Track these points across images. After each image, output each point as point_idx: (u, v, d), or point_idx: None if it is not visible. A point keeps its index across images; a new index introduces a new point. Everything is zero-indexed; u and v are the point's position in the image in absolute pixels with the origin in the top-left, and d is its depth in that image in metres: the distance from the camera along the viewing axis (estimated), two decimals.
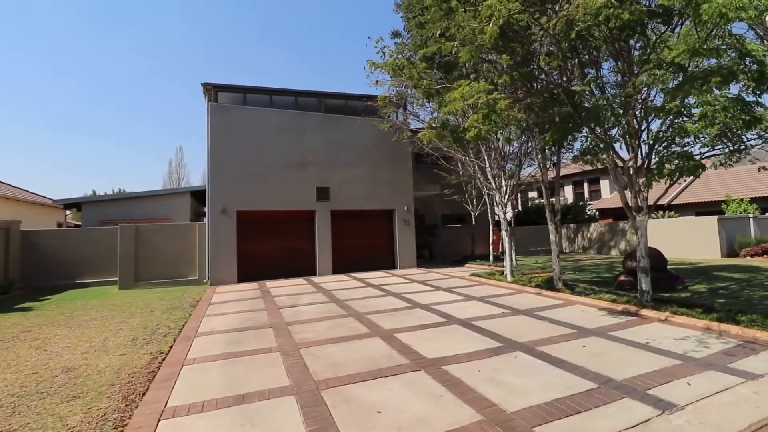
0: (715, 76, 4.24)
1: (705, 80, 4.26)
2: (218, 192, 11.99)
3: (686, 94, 4.56)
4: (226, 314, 7.68)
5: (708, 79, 4.26)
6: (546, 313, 6.71)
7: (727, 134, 5.71)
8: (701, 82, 4.29)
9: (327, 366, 4.57)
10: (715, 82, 4.25)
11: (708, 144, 5.55)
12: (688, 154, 5.20)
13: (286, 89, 13.36)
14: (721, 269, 11.02)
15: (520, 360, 4.53)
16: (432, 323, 6.34)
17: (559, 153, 8.59)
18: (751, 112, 4.62)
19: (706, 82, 4.26)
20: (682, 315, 5.89)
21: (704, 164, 5.28)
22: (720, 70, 4.25)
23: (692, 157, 5.18)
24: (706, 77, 4.29)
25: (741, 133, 5.57)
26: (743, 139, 6.01)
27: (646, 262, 6.73)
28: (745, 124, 4.79)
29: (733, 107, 4.60)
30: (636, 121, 5.67)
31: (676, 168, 5.24)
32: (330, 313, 7.36)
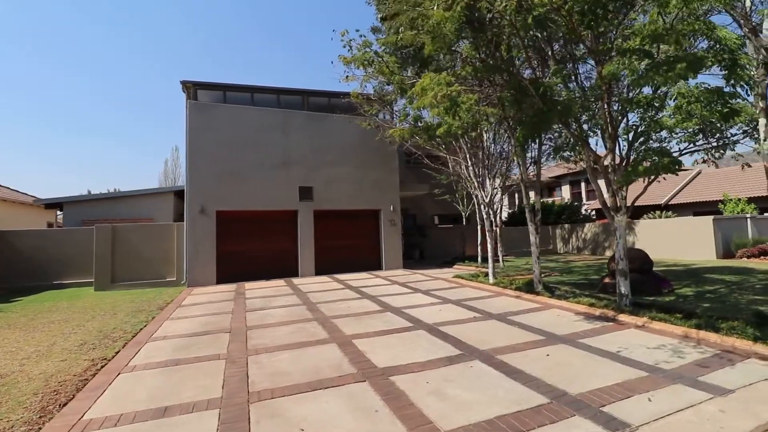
0: (680, 62, 3.89)
1: (670, 67, 3.91)
2: (197, 191, 11.73)
3: (649, 81, 4.22)
4: (191, 317, 7.41)
5: (673, 65, 3.91)
6: (519, 318, 6.37)
7: (706, 129, 5.37)
8: (666, 69, 3.95)
9: (269, 375, 4.27)
10: (680, 68, 3.89)
11: (686, 139, 5.20)
12: (664, 151, 4.86)
13: (269, 87, 13.08)
14: (714, 271, 10.63)
15: (475, 370, 4.20)
16: (397, 328, 6.02)
17: (539, 150, 8.25)
18: (728, 104, 4.28)
19: (670, 69, 3.92)
20: (661, 321, 5.54)
21: (680, 161, 4.93)
22: (686, 56, 3.91)
23: (668, 154, 4.84)
24: (671, 64, 3.94)
25: (721, 126, 5.22)
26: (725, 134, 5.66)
27: (625, 265, 6.38)
28: (723, 117, 4.44)
29: (708, 98, 4.26)
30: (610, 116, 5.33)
31: (652, 165, 4.90)
32: (296, 316, 7.07)
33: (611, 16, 4.41)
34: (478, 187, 10.09)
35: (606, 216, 6.51)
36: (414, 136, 7.74)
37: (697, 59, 3.90)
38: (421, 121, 6.41)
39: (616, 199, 6.36)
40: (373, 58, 6.79)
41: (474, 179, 10.07)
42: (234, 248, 12.36)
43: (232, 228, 12.38)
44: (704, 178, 22.25)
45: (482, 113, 6.02)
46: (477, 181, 10.06)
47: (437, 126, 6.68)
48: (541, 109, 5.03)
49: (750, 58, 4.51)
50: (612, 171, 6.18)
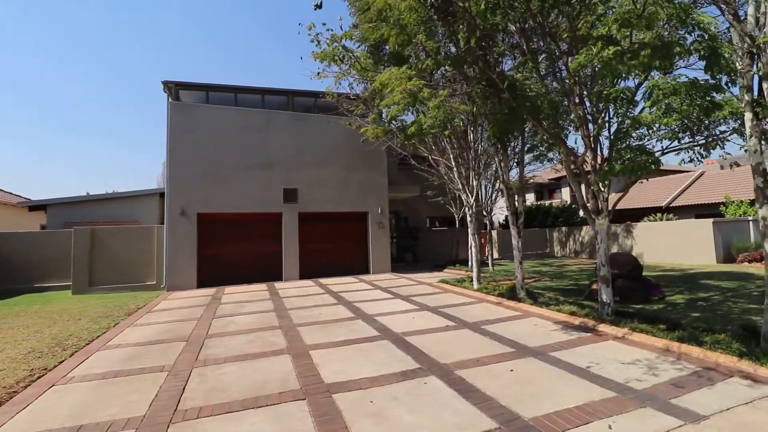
0: (645, 48, 3.51)
1: (633, 55, 3.54)
2: (177, 193, 11.49)
3: (611, 71, 3.84)
4: (155, 324, 7.12)
5: (637, 53, 3.54)
6: (493, 327, 6.00)
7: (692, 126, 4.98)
8: (629, 57, 3.57)
9: (206, 391, 3.95)
10: (644, 56, 3.52)
11: (667, 137, 4.81)
12: (641, 148, 4.48)
13: (253, 87, 12.83)
14: (711, 276, 10.15)
15: (428, 387, 3.84)
16: (362, 338, 5.68)
17: (522, 151, 7.88)
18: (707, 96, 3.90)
19: (634, 57, 3.54)
20: (642, 332, 5.13)
21: (659, 159, 4.54)
22: (651, 43, 3.53)
23: (645, 151, 4.46)
24: (635, 51, 3.57)
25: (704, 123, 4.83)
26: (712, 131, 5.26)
27: (607, 271, 5.98)
28: (704, 111, 4.06)
29: (686, 91, 3.88)
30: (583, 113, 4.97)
31: (629, 163, 4.52)
32: (262, 324, 6.74)
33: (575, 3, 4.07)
34: (463, 189, 9.72)
35: (587, 219, 6.13)
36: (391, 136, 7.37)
37: (663, 45, 3.51)
38: (396, 120, 6.13)
39: (597, 202, 5.97)
40: (343, 54, 6.49)
41: (458, 180, 9.70)
42: (216, 251, 12.08)
43: (215, 231, 12.11)
44: (707, 179, 21.67)
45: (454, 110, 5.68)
46: (462, 183, 9.69)
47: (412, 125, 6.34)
48: (510, 105, 4.69)
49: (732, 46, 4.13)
50: (592, 172, 5.80)
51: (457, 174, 9.72)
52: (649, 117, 4.65)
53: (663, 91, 3.94)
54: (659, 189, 22.84)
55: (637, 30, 3.57)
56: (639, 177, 5.31)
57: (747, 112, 4.23)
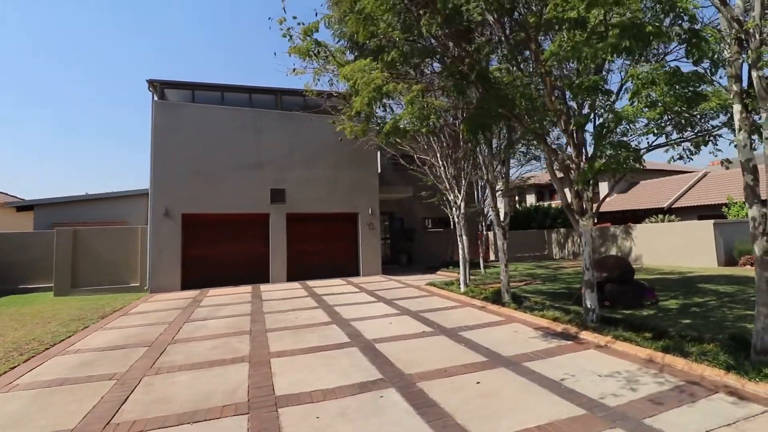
0: (613, 29, 3.20)
1: (601, 36, 3.23)
2: (161, 193, 11.29)
3: (576, 55, 3.52)
4: (125, 327, 6.90)
5: (604, 35, 3.23)
6: (471, 334, 5.68)
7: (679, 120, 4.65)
8: (596, 40, 3.26)
9: (147, 403, 3.69)
10: (612, 35, 3.21)
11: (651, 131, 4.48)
12: (621, 143, 4.16)
13: (240, 86, 12.63)
14: (710, 280, 9.74)
15: (383, 402, 3.55)
16: (331, 344, 5.39)
17: (509, 148, 7.56)
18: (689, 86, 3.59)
19: (602, 39, 3.23)
20: (626, 341, 4.80)
21: (641, 156, 4.22)
22: (620, 22, 3.22)
23: (626, 146, 4.14)
24: (602, 33, 3.26)
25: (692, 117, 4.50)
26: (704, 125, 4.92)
27: (591, 275, 5.64)
28: (687, 103, 3.75)
29: (664, 80, 3.57)
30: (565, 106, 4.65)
31: (609, 159, 4.20)
32: (232, 329, 6.48)
33: None
34: (450, 189, 9.41)
35: (570, 220, 5.80)
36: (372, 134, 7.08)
37: (633, 25, 3.20)
38: (361, 115, 5.85)
39: (582, 202, 5.65)
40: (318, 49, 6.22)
41: (446, 180, 9.40)
42: (202, 253, 11.87)
43: (200, 232, 11.90)
44: (710, 180, 21.16)
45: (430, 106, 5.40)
46: (449, 182, 9.38)
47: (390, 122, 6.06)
48: (482, 98, 4.40)
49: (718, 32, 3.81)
50: (575, 170, 5.47)
51: (444, 173, 9.42)
52: (630, 110, 4.33)
53: (641, 81, 3.63)
54: (661, 190, 22.36)
55: (605, 8, 3.25)
56: (623, 175, 4.99)
57: (735, 104, 3.90)
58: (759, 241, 3.84)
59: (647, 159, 4.89)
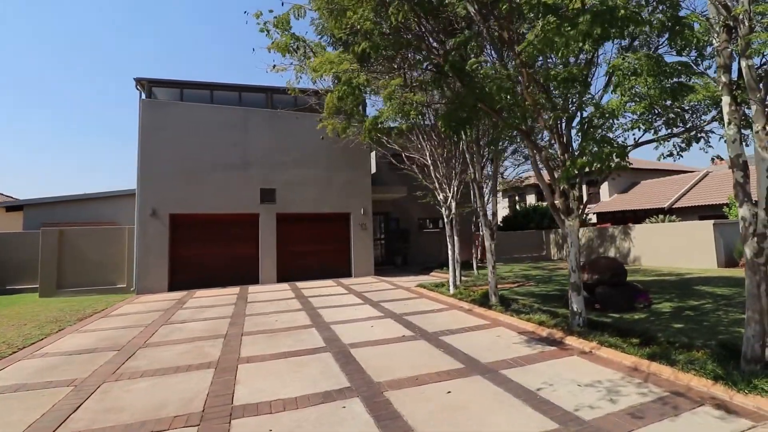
0: (584, 14, 2.96)
1: (572, 23, 2.99)
2: (148, 193, 11.13)
3: (547, 45, 3.28)
4: (100, 330, 6.72)
5: (575, 21, 2.99)
6: (452, 338, 5.45)
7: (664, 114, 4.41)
8: (568, 27, 3.03)
9: (98, 412, 3.50)
10: (584, 22, 2.97)
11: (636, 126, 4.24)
12: (604, 139, 3.93)
13: (230, 84, 12.46)
14: (708, 282, 9.45)
15: (343, 413, 3.33)
16: (305, 349, 5.18)
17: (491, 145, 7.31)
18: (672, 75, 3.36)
19: (573, 26, 3.00)
20: (611, 347, 4.55)
21: (625, 152, 3.98)
22: (592, 9, 2.98)
23: (609, 142, 3.90)
24: (573, 18, 3.02)
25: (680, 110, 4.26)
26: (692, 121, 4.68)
27: (578, 278, 5.40)
28: (672, 95, 3.51)
29: (647, 70, 3.33)
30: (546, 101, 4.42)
31: (590, 156, 3.97)
32: (208, 332, 6.29)
33: None
34: (439, 188, 9.18)
35: (556, 220, 5.56)
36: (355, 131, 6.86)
37: (606, 9, 2.96)
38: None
39: (568, 201, 5.40)
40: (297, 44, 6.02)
41: (435, 179, 9.17)
42: (190, 253, 11.70)
43: (189, 232, 11.73)
44: (711, 179, 20.80)
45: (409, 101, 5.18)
46: (438, 182, 9.15)
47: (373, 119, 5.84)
48: (458, 92, 4.18)
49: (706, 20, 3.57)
50: (561, 167, 5.23)
51: (433, 172, 9.19)
52: (615, 104, 4.10)
53: (623, 72, 3.40)
54: (662, 190, 22.02)
55: None
56: (608, 173, 4.75)
57: (724, 96, 3.66)
58: (749, 243, 3.59)
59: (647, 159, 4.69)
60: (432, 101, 5.36)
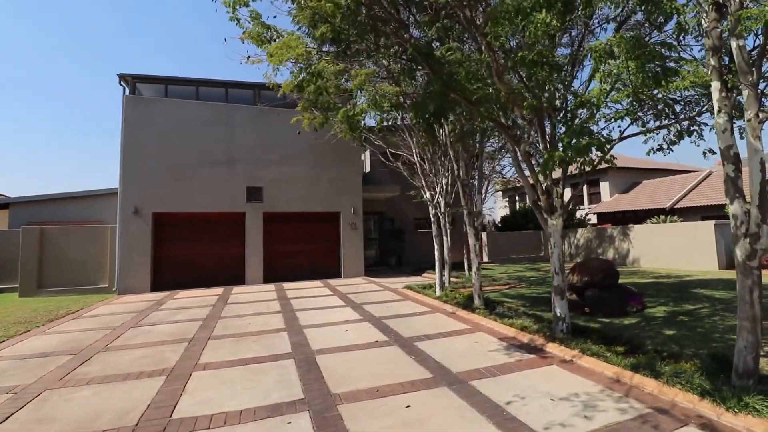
0: None
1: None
2: (131, 191, 10.89)
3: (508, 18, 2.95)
4: (67, 332, 6.46)
5: None
6: (427, 344, 5.13)
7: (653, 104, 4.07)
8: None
9: (27, 422, 3.25)
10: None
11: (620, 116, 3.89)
12: (583, 130, 3.59)
13: (216, 80, 12.20)
14: (707, 285, 9.05)
15: (287, 429, 3.02)
16: (269, 356, 4.87)
17: (482, 142, 6.99)
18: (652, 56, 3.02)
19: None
20: (594, 356, 4.21)
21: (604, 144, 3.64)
22: None
23: (588, 133, 3.57)
24: None
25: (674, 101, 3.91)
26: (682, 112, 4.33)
27: (561, 281, 5.05)
28: (653, 79, 3.18)
29: (625, 52, 3.00)
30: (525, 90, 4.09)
31: (570, 149, 3.63)
32: (175, 336, 6.00)
33: None
34: (426, 186, 8.85)
35: (539, 219, 5.22)
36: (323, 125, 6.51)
37: None
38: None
39: (551, 198, 5.07)
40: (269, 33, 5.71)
41: (421, 177, 8.85)
42: (174, 253, 11.45)
43: (173, 231, 11.48)
44: (714, 179, 20.29)
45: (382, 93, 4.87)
46: (424, 180, 8.83)
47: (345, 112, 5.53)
48: (430, 82, 3.87)
49: None
50: None
51: (420, 169, 8.86)
52: (596, 91, 3.76)
53: (598, 53, 3.07)
54: (663, 190, 21.54)
55: None
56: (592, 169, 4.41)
57: (714, 81, 3.31)
58: (741, 243, 3.24)
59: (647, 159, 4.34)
60: (404, 92, 5.03)
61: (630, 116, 3.88)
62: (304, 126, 7.20)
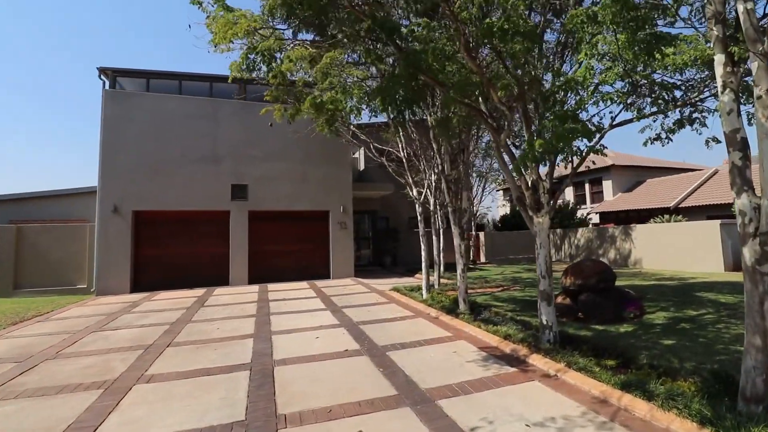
0: None
1: None
2: (110, 188, 10.52)
3: None
4: (24, 336, 6.09)
5: None
6: (400, 354, 4.67)
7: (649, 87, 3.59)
8: None
9: None
10: None
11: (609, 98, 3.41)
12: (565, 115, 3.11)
13: (200, 74, 11.81)
14: (712, 288, 8.50)
15: None
16: (223, 367, 4.44)
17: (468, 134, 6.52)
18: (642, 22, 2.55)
19: None
20: (581, 370, 3.74)
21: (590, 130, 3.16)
22: None
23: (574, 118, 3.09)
24: None
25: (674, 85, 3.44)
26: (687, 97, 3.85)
27: (548, 285, 4.57)
28: (645, 50, 2.70)
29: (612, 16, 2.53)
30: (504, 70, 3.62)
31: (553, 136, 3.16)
32: (133, 342, 5.60)
33: None
34: (413, 183, 8.40)
35: (524, 217, 4.74)
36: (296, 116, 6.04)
37: None
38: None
39: (537, 194, 4.59)
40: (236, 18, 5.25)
41: (408, 173, 8.39)
42: (156, 253, 11.07)
43: (154, 231, 11.10)
44: (720, 177, 19.64)
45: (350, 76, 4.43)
46: (410, 176, 8.37)
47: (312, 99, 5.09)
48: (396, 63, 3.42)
49: None
50: None
51: (407, 165, 8.40)
52: (581, 71, 3.29)
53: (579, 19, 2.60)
54: (667, 189, 20.91)
55: None
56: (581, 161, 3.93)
57: (717, 54, 2.83)
58: (750, 245, 2.76)
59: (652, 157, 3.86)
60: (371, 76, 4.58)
61: (621, 100, 3.39)
62: (275, 117, 6.74)
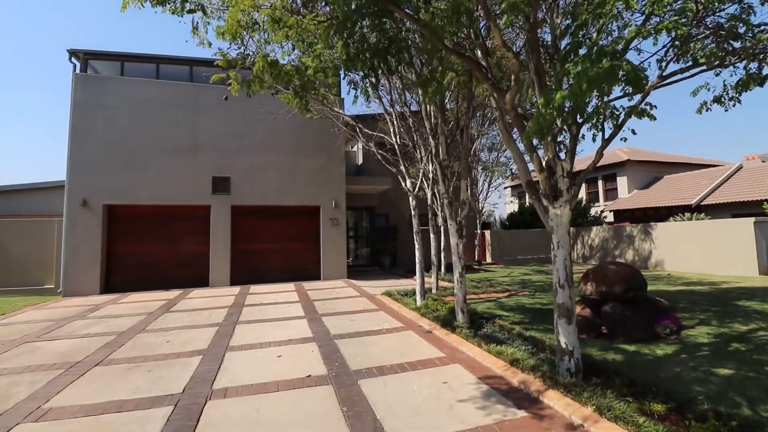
0: None
1: None
2: (79, 181, 9.65)
3: None
4: None
5: None
6: (375, 385, 3.63)
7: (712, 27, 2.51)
8: None
9: None
10: None
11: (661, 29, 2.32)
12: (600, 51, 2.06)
13: (179, 57, 10.87)
14: (753, 295, 7.32)
15: None
16: (146, 399, 3.46)
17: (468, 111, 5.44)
18: None
19: None
20: (618, 420, 2.66)
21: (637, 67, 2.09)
22: None
23: (611, 53, 2.03)
24: None
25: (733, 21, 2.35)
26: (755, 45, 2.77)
27: (568, 297, 3.48)
28: None
29: None
30: None
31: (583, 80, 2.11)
32: (61, 357, 4.65)
33: None
34: (406, 174, 7.35)
35: (536, 207, 3.67)
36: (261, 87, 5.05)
37: None
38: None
39: (554, 177, 3.51)
40: None
41: (402, 162, 7.34)
42: (130, 251, 10.18)
43: (129, 227, 10.22)
44: (745, 173, 18.24)
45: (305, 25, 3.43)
46: (404, 166, 7.33)
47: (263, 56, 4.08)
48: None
49: None
50: None
51: (400, 151, 7.35)
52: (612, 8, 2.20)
53: None
54: (688, 185, 19.53)
55: None
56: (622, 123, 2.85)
57: None
58: None
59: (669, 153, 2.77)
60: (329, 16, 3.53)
61: (681, 32, 2.30)
62: (231, 90, 5.73)
